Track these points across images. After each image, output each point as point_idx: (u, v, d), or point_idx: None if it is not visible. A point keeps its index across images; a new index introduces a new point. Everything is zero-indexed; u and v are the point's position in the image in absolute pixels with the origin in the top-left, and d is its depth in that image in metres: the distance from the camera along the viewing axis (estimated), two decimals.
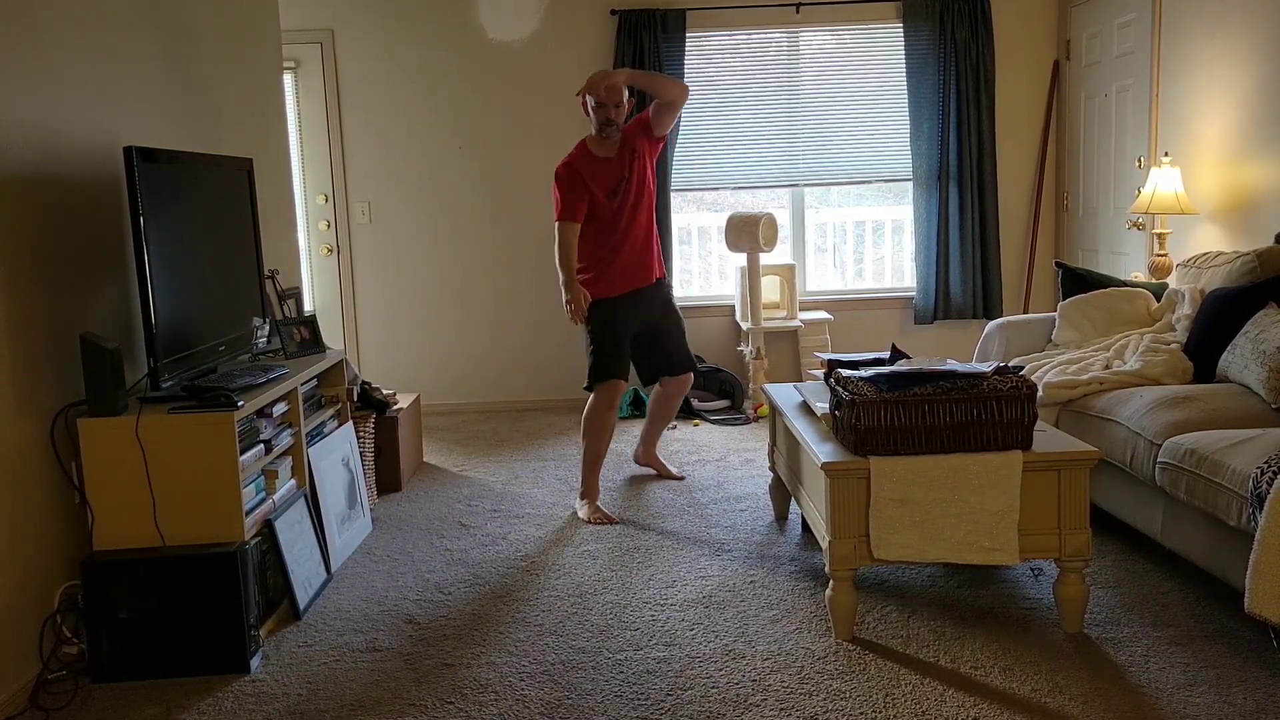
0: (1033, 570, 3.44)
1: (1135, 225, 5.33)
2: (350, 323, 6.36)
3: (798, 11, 6.11)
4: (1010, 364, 3.81)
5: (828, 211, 6.70)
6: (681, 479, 4.71)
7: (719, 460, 4.99)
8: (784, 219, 6.39)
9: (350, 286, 6.35)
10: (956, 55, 6.05)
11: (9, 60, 2.85)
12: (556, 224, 4.20)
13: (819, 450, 3.02)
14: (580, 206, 4.19)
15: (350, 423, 4.16)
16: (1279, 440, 2.89)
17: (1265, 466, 2.71)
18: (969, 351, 6.19)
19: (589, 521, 4.15)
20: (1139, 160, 5.31)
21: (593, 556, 3.76)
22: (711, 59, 6.22)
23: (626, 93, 4.19)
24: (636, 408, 6.01)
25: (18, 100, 2.88)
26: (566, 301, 4.24)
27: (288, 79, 6.13)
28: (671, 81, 4.36)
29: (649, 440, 4.79)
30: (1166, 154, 4.85)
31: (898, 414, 2.90)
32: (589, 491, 4.29)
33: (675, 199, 6.29)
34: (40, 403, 2.94)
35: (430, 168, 6.26)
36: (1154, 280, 4.71)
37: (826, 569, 3.02)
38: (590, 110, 4.19)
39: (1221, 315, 3.77)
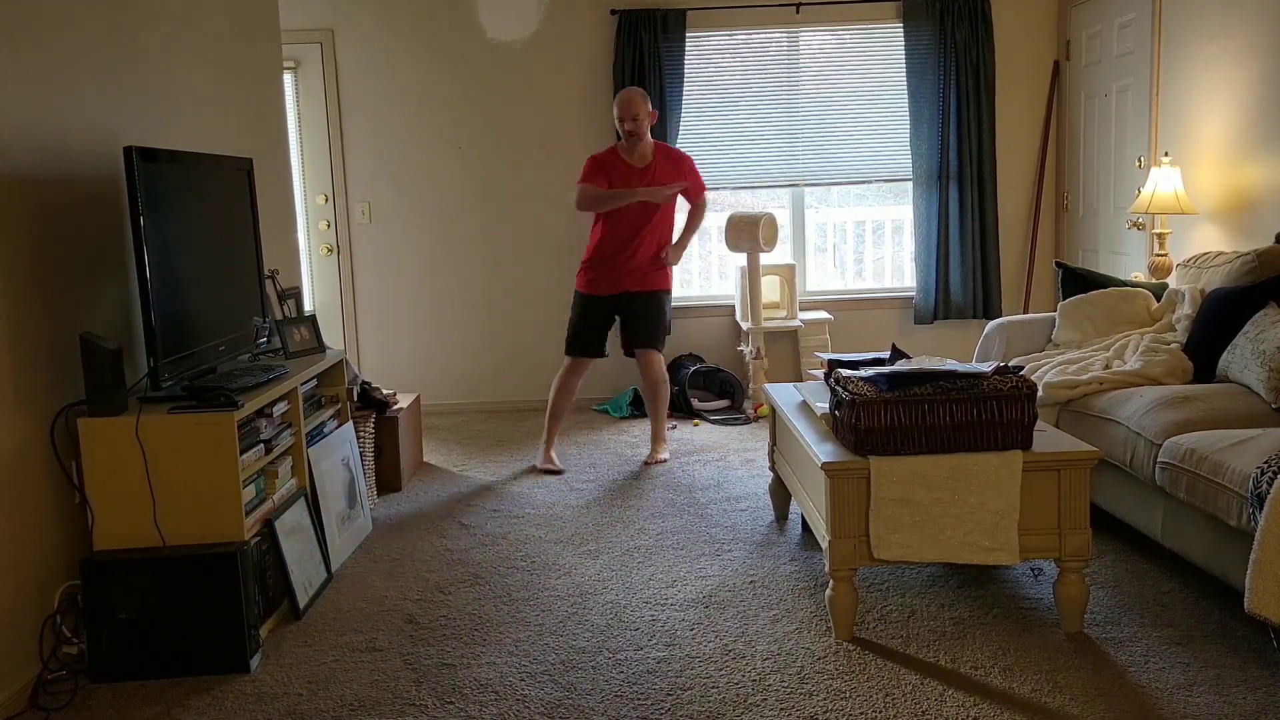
0: (1033, 570, 3.44)
1: (1135, 225, 5.33)
2: (350, 323, 6.37)
3: (798, 11, 6.11)
4: (1010, 364, 3.81)
5: (828, 211, 6.70)
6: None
7: (719, 460, 4.99)
8: (784, 219, 6.39)
9: (350, 286, 6.35)
10: (956, 55, 6.05)
11: (9, 60, 2.85)
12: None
13: (819, 450, 3.02)
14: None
15: (350, 422, 4.16)
16: (1279, 440, 2.89)
17: (1265, 466, 2.71)
18: (969, 351, 6.20)
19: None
20: (1139, 160, 5.31)
21: (593, 556, 3.76)
22: (711, 59, 6.22)
23: (645, 107, 4.83)
24: (636, 406, 6.02)
25: (18, 100, 2.88)
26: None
27: (288, 79, 6.13)
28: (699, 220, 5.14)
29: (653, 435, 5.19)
30: (1166, 154, 4.85)
31: (898, 414, 2.90)
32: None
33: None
34: (40, 403, 2.94)
35: (430, 168, 6.26)
36: (1154, 280, 4.71)
37: (826, 569, 3.02)
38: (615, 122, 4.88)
39: (1221, 315, 3.77)
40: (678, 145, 6.09)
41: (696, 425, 5.73)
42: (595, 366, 6.21)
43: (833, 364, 3.51)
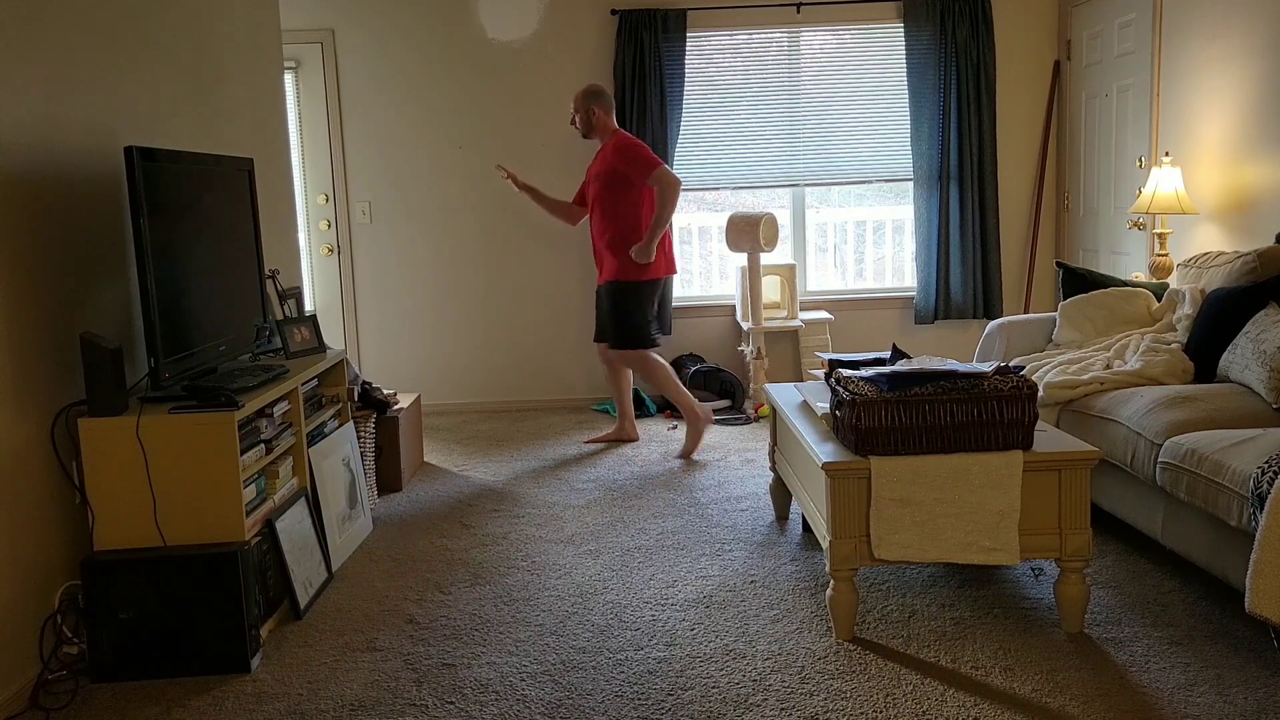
0: (1033, 570, 3.44)
1: (1136, 225, 5.33)
2: (350, 323, 6.36)
3: (798, 11, 6.11)
4: (1011, 364, 3.81)
5: (828, 211, 6.70)
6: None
7: (719, 460, 4.99)
8: (784, 219, 6.39)
9: (350, 286, 6.35)
10: (957, 55, 6.05)
11: (10, 61, 2.85)
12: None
13: (819, 450, 3.02)
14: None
15: (351, 422, 4.16)
16: (1279, 440, 2.89)
17: (1266, 466, 2.70)
18: (969, 351, 6.20)
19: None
20: (1139, 160, 5.31)
21: (593, 556, 3.76)
22: (711, 59, 6.22)
23: (581, 104, 5.09)
24: (636, 406, 6.02)
25: (19, 101, 2.88)
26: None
27: (288, 79, 6.13)
28: (667, 213, 4.96)
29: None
30: (1167, 154, 4.85)
31: (898, 414, 2.90)
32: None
33: None
34: (40, 403, 2.94)
35: (430, 168, 6.26)
36: (1154, 280, 4.71)
37: (827, 569, 3.02)
38: None
39: (1222, 315, 3.77)
40: (677, 145, 6.11)
41: None
42: (594, 366, 6.24)
43: (833, 364, 3.51)
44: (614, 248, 4.99)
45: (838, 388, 3.09)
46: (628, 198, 4.95)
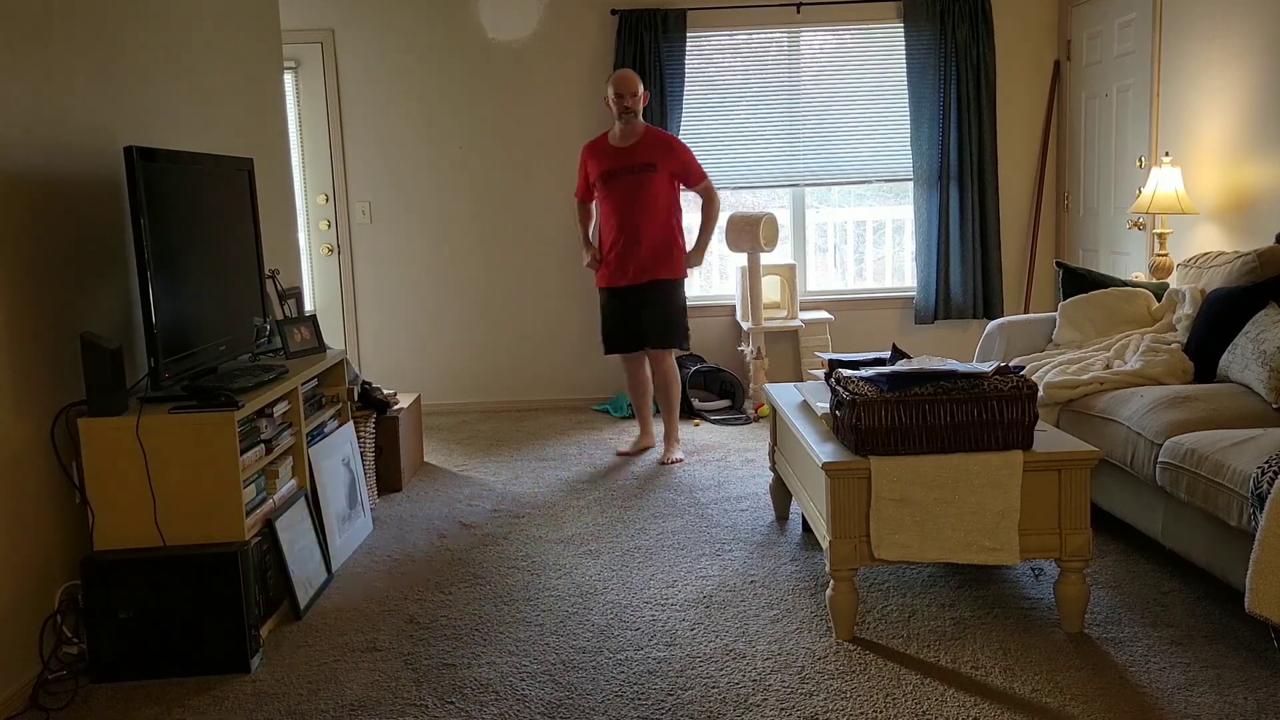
0: (1033, 570, 3.44)
1: (1136, 225, 5.33)
2: (350, 323, 6.36)
3: (798, 11, 6.11)
4: (1011, 364, 3.81)
5: (828, 211, 6.70)
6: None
7: (719, 460, 4.99)
8: (784, 219, 6.38)
9: (350, 286, 6.35)
10: (957, 55, 6.05)
11: (10, 60, 2.85)
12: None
13: (819, 450, 3.02)
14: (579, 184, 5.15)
15: (351, 422, 4.16)
16: (1279, 440, 2.89)
17: (1266, 466, 2.70)
18: (969, 351, 6.20)
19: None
20: (1139, 160, 5.31)
21: (593, 556, 3.76)
22: (711, 59, 6.22)
23: (640, 86, 4.90)
24: None
25: (19, 101, 2.88)
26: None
27: (288, 79, 6.13)
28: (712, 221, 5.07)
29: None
30: (1167, 154, 4.85)
31: (898, 414, 2.90)
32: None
33: None
34: (40, 403, 2.94)
35: (430, 167, 6.26)
36: (1154, 280, 4.71)
37: (827, 569, 3.02)
38: (611, 102, 4.94)
39: (1222, 315, 3.77)
40: None
41: (697, 425, 5.73)
42: (594, 366, 6.23)
43: (833, 364, 3.51)
44: (672, 244, 4.94)
45: (838, 388, 3.09)
46: (673, 194, 4.96)
